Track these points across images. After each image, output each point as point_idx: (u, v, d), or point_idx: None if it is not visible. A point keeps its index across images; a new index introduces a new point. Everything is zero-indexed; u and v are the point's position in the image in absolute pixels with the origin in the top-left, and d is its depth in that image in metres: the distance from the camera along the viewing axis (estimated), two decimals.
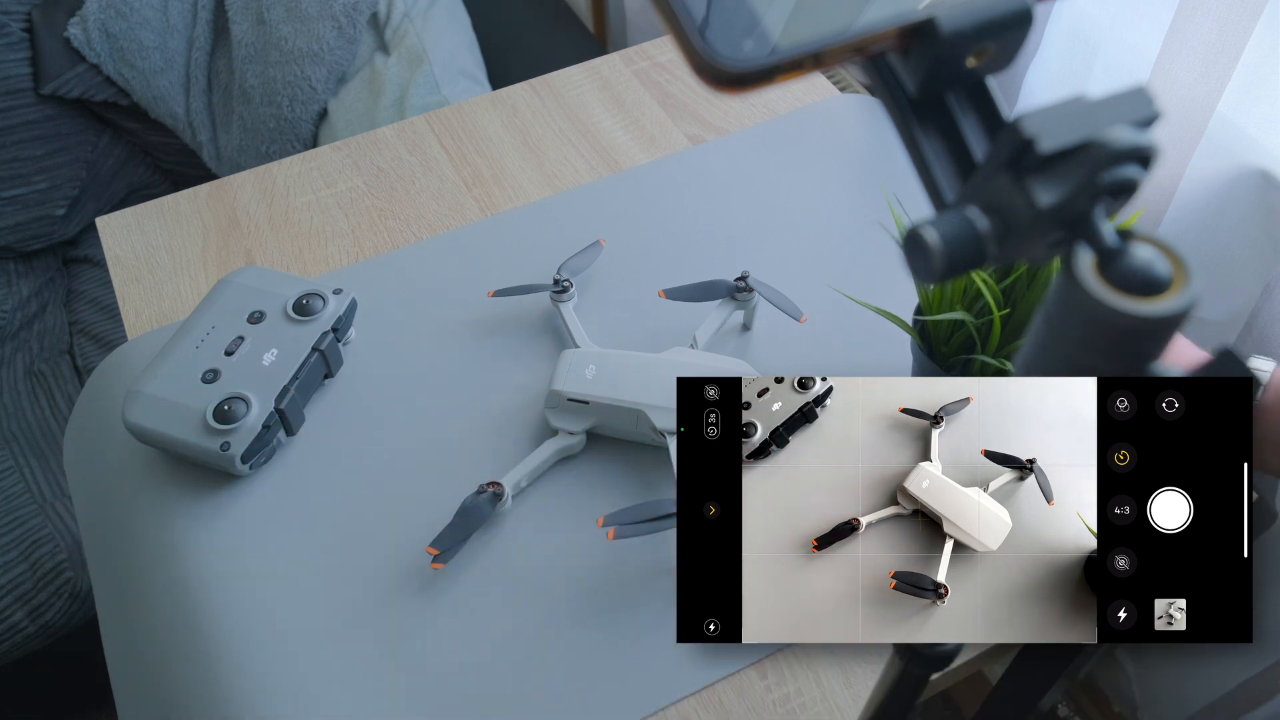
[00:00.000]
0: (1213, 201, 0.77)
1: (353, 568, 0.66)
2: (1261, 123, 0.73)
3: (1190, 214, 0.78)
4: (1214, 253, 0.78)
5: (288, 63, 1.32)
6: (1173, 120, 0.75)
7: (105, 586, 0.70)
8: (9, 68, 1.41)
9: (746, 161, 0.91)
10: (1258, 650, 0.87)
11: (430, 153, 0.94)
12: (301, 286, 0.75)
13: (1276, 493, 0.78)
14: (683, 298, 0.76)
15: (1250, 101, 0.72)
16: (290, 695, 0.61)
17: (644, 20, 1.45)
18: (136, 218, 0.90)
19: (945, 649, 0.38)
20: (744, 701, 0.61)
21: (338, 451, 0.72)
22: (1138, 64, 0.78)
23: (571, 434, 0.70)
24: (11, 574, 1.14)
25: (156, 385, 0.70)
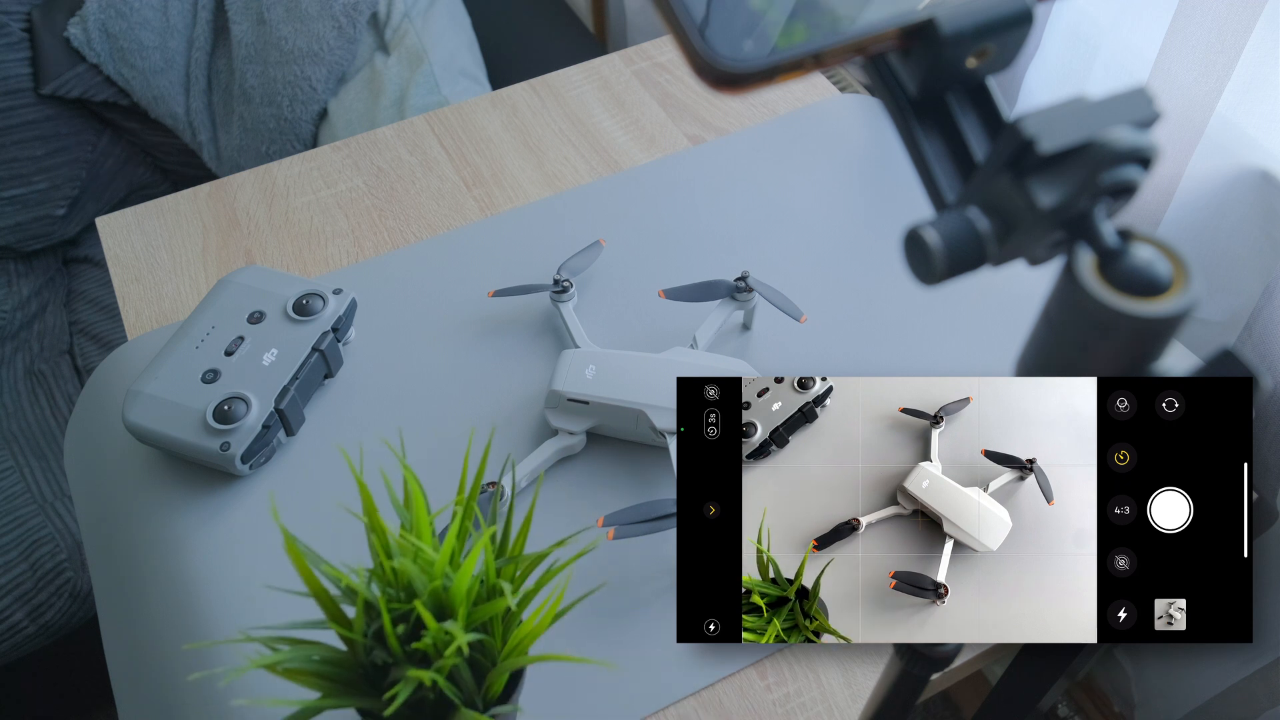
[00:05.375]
0: (1213, 201, 0.77)
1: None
2: (1261, 123, 0.73)
3: (1190, 214, 0.78)
4: (1214, 253, 0.78)
5: (288, 63, 1.32)
6: (1172, 120, 0.75)
7: (105, 586, 0.70)
8: (9, 68, 1.41)
9: (746, 161, 0.91)
10: (1257, 650, 0.87)
11: (430, 153, 0.94)
12: (301, 286, 0.75)
13: (1277, 493, 0.78)
14: (683, 298, 0.76)
15: (1250, 101, 0.72)
16: (291, 695, 0.61)
17: (644, 20, 1.45)
18: (136, 218, 0.90)
19: (945, 649, 0.38)
20: (744, 701, 0.61)
21: (337, 452, 0.72)
22: (1137, 64, 0.78)
23: (571, 434, 0.70)
24: (11, 574, 1.14)
25: (156, 385, 0.70)
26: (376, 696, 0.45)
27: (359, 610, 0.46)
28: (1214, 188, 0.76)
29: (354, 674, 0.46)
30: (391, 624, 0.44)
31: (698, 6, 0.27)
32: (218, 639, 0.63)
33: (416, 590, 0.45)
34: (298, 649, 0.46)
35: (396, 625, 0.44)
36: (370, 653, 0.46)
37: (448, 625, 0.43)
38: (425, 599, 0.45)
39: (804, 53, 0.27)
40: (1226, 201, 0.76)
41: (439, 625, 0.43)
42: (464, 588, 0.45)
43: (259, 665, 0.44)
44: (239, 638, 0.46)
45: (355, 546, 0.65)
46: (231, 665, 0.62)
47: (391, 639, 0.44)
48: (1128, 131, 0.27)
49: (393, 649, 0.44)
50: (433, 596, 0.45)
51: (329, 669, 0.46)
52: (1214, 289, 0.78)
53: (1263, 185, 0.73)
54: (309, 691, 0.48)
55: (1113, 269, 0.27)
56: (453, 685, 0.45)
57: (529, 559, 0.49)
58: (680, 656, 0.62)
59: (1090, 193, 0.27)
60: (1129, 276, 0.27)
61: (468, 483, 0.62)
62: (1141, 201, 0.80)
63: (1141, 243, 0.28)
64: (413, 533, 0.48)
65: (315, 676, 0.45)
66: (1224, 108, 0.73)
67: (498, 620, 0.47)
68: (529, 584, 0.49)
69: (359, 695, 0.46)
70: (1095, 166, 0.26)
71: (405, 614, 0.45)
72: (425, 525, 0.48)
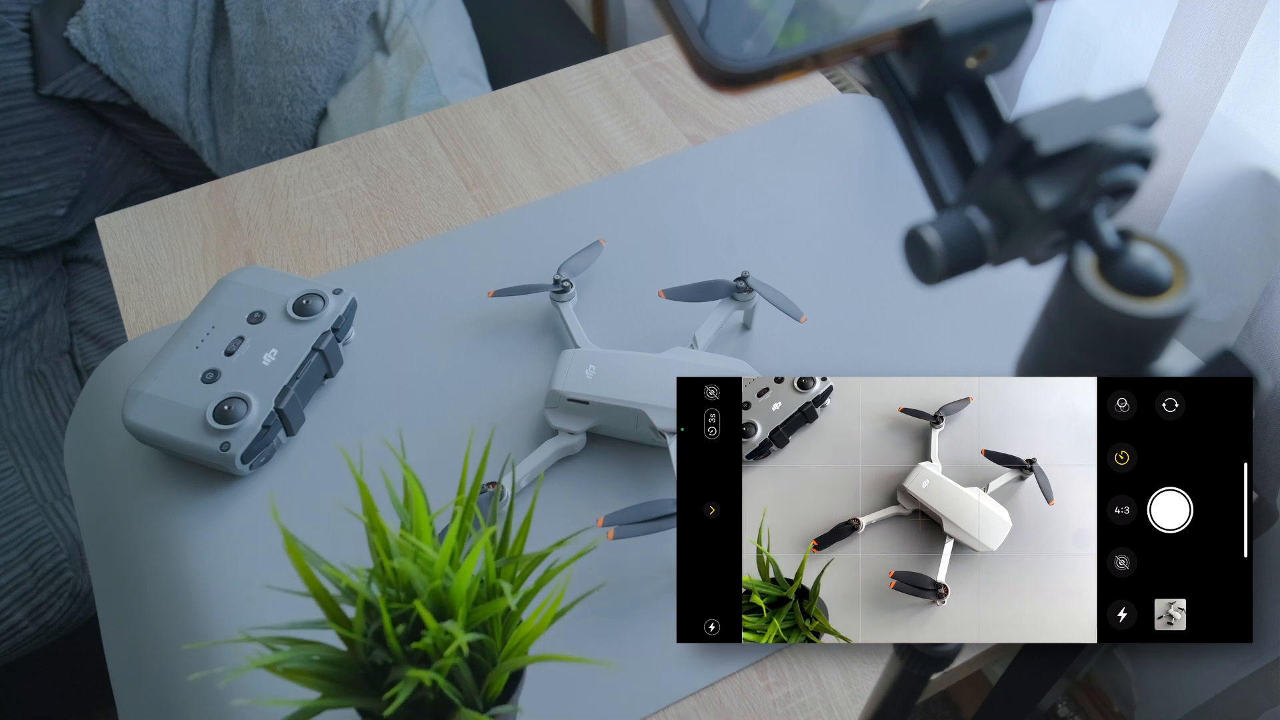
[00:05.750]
0: (1213, 201, 0.77)
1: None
2: (1261, 123, 0.73)
3: (1190, 214, 0.78)
4: (1214, 253, 0.78)
5: (288, 63, 1.32)
6: (1172, 120, 0.75)
7: (105, 586, 0.70)
8: (9, 68, 1.41)
9: (746, 161, 0.91)
10: (1257, 650, 0.87)
11: (430, 153, 0.94)
12: (301, 286, 0.75)
13: (1277, 493, 0.78)
14: (683, 298, 0.76)
15: (1250, 101, 0.72)
16: (290, 695, 0.61)
17: (644, 20, 1.45)
18: (136, 218, 0.90)
19: (945, 649, 0.38)
20: (744, 701, 0.61)
21: (338, 452, 0.72)
22: (1137, 64, 0.78)
23: (571, 434, 0.70)
24: (11, 574, 1.14)
25: (156, 385, 0.70)
26: (376, 696, 0.45)
27: (359, 610, 0.46)
28: (1214, 188, 0.76)
29: (354, 674, 0.46)
30: (391, 624, 0.44)
31: (698, 6, 0.27)
32: (218, 639, 0.63)
33: (416, 590, 0.45)
34: (298, 649, 0.46)
35: (396, 625, 0.44)
36: (370, 653, 0.46)
37: (448, 625, 0.43)
38: (425, 599, 0.45)
39: (804, 53, 0.27)
40: (1226, 201, 0.76)
41: (439, 625, 0.43)
42: (464, 588, 0.45)
43: (259, 665, 0.44)
44: (239, 638, 0.46)
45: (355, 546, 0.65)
46: (231, 665, 0.62)
47: (391, 639, 0.44)
48: (1128, 131, 0.27)
49: (393, 649, 0.44)
50: (433, 596, 0.45)
51: (329, 669, 0.46)
52: (1214, 289, 0.78)
53: (1263, 185, 0.73)
54: (309, 691, 0.48)
55: (1113, 269, 0.27)
56: (453, 685, 0.45)
57: (529, 559, 0.49)
58: (680, 656, 0.62)
59: (1090, 193, 0.27)
60: (1129, 276, 0.27)
61: (468, 483, 0.62)
62: (1141, 201, 0.80)
63: (1141, 243, 0.28)
64: (413, 533, 0.48)
65: (315, 676, 0.45)
66: (1224, 108, 0.73)
67: (498, 620, 0.47)
68: (529, 584, 0.49)
69: (359, 695, 0.46)
70: (1095, 166, 0.26)
71: (405, 614, 0.45)
72: (425, 525, 0.48)
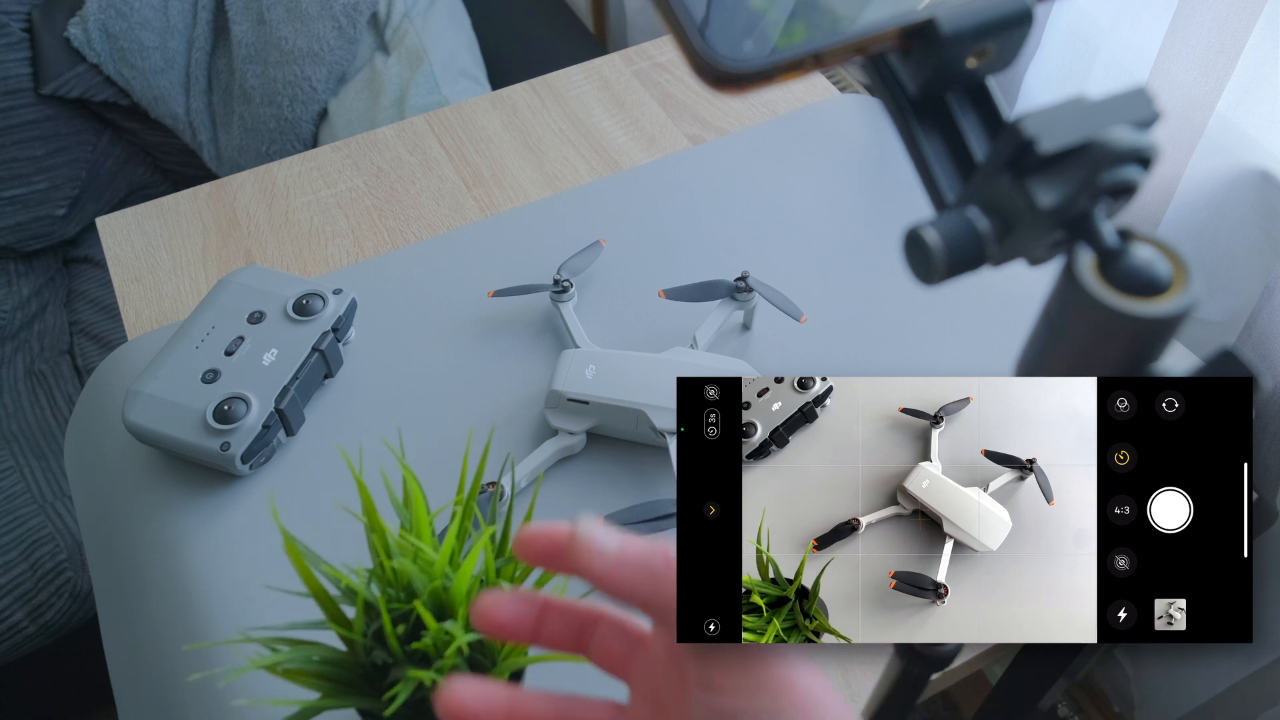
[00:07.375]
0: (1213, 201, 0.77)
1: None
2: (1261, 123, 0.73)
3: (1190, 214, 0.78)
4: (1214, 253, 0.78)
5: (288, 63, 1.32)
6: (1172, 120, 0.75)
7: (105, 586, 0.70)
8: (9, 68, 1.41)
9: (746, 161, 0.91)
10: (1257, 650, 0.87)
11: (430, 153, 0.94)
12: (301, 286, 0.75)
13: (1277, 493, 0.78)
14: (683, 298, 0.76)
15: (1250, 101, 0.72)
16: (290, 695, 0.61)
17: (644, 20, 1.45)
18: (136, 218, 0.90)
19: (945, 649, 0.38)
20: None
21: (337, 452, 0.72)
22: (1137, 64, 0.78)
23: (571, 434, 0.70)
24: (11, 574, 1.14)
25: (156, 385, 0.70)
26: (376, 696, 0.45)
27: (359, 610, 0.46)
28: (1214, 188, 0.76)
29: (354, 674, 0.46)
30: (391, 624, 0.44)
31: (698, 6, 0.27)
32: (218, 639, 0.63)
33: (416, 590, 0.45)
34: (298, 649, 0.46)
35: (396, 625, 0.44)
36: (370, 653, 0.46)
37: (448, 625, 0.43)
38: (425, 599, 0.45)
39: (804, 53, 0.27)
40: (1226, 201, 0.76)
41: (439, 625, 0.43)
42: (464, 588, 0.45)
43: (259, 666, 0.44)
44: (239, 638, 0.46)
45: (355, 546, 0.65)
46: (231, 665, 0.62)
47: (391, 639, 0.44)
48: (1128, 131, 0.27)
49: (393, 649, 0.44)
50: (433, 596, 0.45)
51: (329, 669, 0.46)
52: (1214, 289, 0.78)
53: (1263, 185, 0.73)
54: (309, 692, 0.48)
55: (1113, 269, 0.27)
56: None
57: None
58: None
59: (1090, 193, 0.27)
60: (1129, 276, 0.27)
61: (467, 483, 0.62)
62: (1141, 201, 0.80)
63: (1141, 243, 0.27)
64: (412, 533, 0.48)
65: (315, 677, 0.45)
66: (1224, 108, 0.73)
67: None
68: (529, 584, 0.49)
69: (359, 695, 0.46)
70: (1095, 166, 0.26)
71: (405, 614, 0.45)
72: (425, 525, 0.48)
